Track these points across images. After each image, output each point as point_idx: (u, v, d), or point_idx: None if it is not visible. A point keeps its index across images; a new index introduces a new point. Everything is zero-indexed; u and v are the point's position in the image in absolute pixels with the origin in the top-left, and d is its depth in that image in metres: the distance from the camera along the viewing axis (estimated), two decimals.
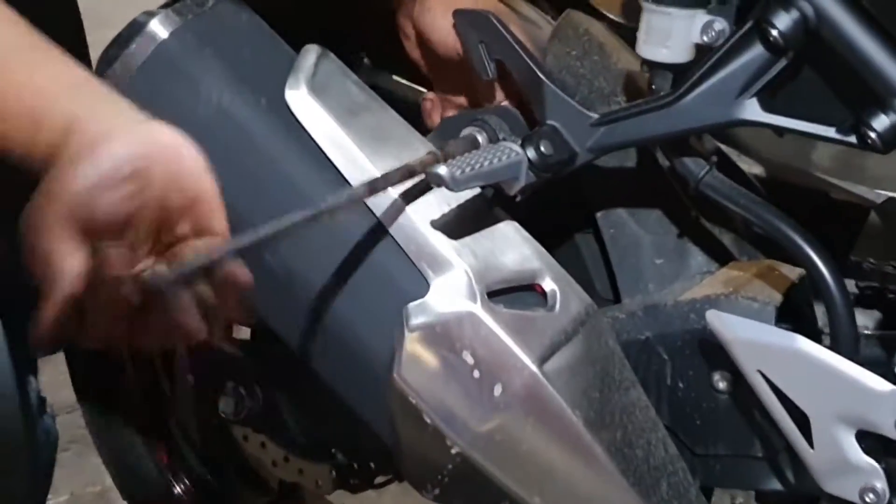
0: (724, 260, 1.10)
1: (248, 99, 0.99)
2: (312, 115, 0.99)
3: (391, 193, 0.96)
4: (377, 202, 0.96)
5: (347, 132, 0.99)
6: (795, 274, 1.04)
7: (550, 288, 0.99)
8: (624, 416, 0.99)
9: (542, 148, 0.98)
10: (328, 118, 0.99)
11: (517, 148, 0.98)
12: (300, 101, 0.99)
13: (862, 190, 1.21)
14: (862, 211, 1.19)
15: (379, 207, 0.96)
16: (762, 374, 0.95)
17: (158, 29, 0.99)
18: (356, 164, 0.98)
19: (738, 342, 0.96)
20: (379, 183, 0.91)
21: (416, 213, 0.97)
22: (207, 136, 0.98)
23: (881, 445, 0.94)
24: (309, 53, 1.03)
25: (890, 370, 0.95)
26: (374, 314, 0.98)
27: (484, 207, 1.01)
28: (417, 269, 0.96)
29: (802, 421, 0.95)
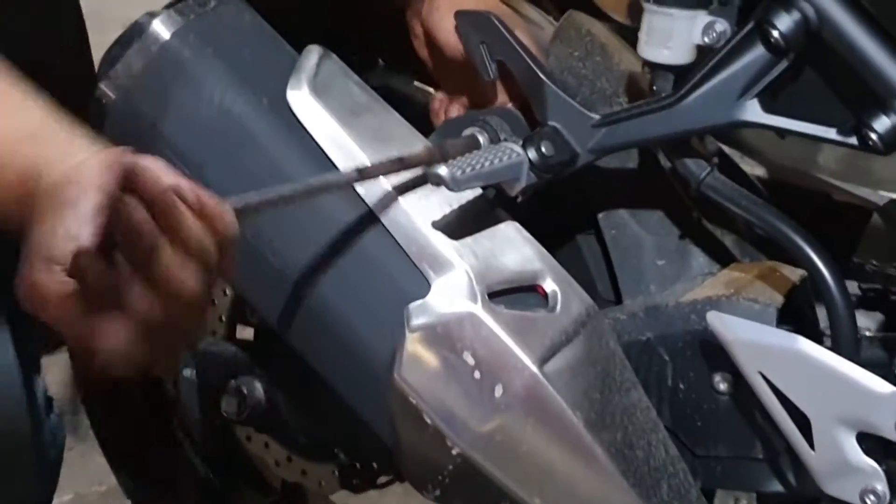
0: (725, 261, 1.10)
1: (249, 99, 0.99)
2: (314, 115, 0.99)
3: (392, 194, 0.96)
4: (378, 202, 0.97)
5: (349, 132, 0.99)
6: (797, 275, 1.04)
7: (551, 289, 0.99)
8: (625, 417, 0.99)
9: (543, 149, 0.98)
10: (329, 119, 0.99)
11: (518, 148, 0.98)
12: (302, 101, 0.99)
13: (865, 192, 1.21)
14: (864, 213, 1.19)
15: (380, 208, 0.97)
16: (763, 375, 0.95)
17: (160, 29, 0.99)
18: (357, 164, 0.98)
19: (738, 343, 0.96)
20: (369, 170, 0.91)
21: (417, 213, 0.97)
22: (209, 136, 0.99)
23: (882, 447, 0.94)
24: (311, 54, 1.03)
25: (891, 372, 0.95)
26: (374, 314, 0.98)
27: (485, 208, 1.01)
28: (418, 269, 0.96)
29: (803, 422, 0.95)
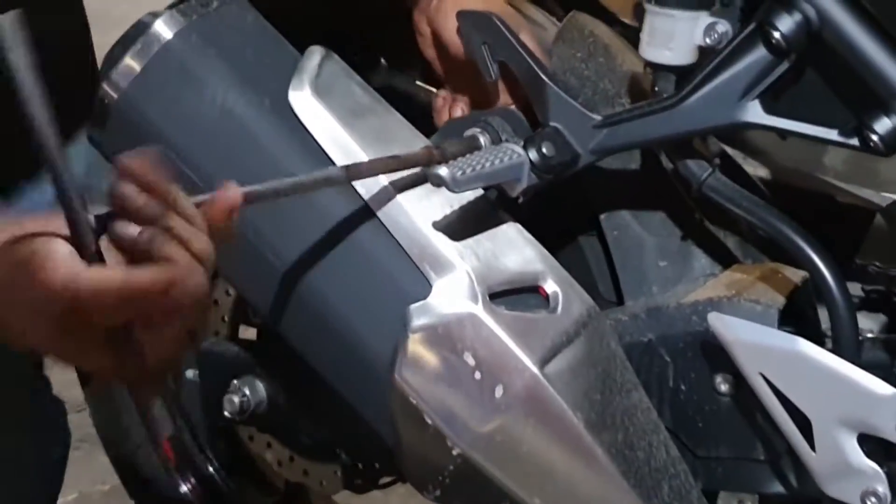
0: (727, 262, 1.10)
1: (251, 99, 0.99)
2: (315, 116, 0.99)
3: (393, 195, 0.96)
4: (379, 203, 0.97)
5: (350, 133, 0.99)
6: (799, 277, 1.04)
7: (552, 290, 0.99)
8: (625, 418, 0.99)
9: (544, 149, 0.98)
10: (331, 119, 0.99)
11: (519, 149, 0.98)
12: (304, 102, 0.99)
13: (867, 193, 1.21)
14: (867, 214, 1.19)
15: (381, 209, 0.97)
16: (764, 376, 0.95)
17: (163, 29, 0.99)
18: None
19: (739, 344, 0.96)
20: (362, 168, 0.91)
21: (418, 214, 0.97)
22: (211, 136, 0.99)
23: (883, 449, 0.94)
24: (313, 55, 1.03)
25: (892, 374, 0.95)
26: (375, 315, 0.98)
27: (487, 209, 1.01)
28: (419, 270, 0.96)
29: (804, 424, 0.95)
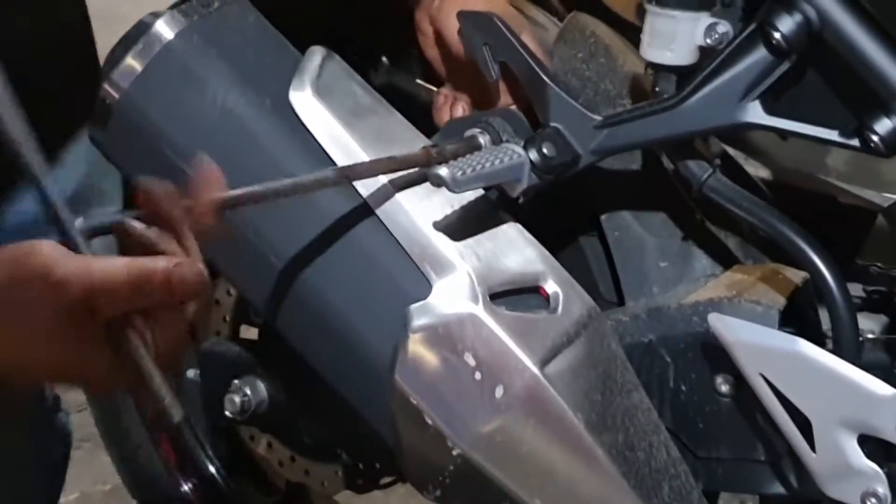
0: (728, 263, 1.10)
1: (252, 100, 0.99)
2: (316, 116, 0.99)
3: (394, 195, 0.96)
4: (380, 204, 0.97)
5: (351, 134, 0.99)
6: (800, 277, 1.04)
7: (553, 290, 0.99)
8: (626, 418, 0.99)
9: (544, 150, 0.98)
10: (332, 120, 0.99)
11: (519, 150, 0.98)
12: (304, 102, 0.99)
13: (869, 194, 1.21)
14: (869, 215, 1.19)
15: (382, 209, 0.97)
16: (764, 377, 0.95)
17: (164, 30, 0.99)
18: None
19: (739, 345, 0.95)
20: (360, 168, 0.91)
21: (419, 214, 0.97)
22: (212, 136, 0.99)
23: (883, 450, 0.93)
24: (314, 55, 1.03)
25: (893, 374, 0.95)
26: (376, 315, 0.98)
27: (488, 209, 1.01)
28: (420, 270, 0.96)
29: (804, 425, 0.95)
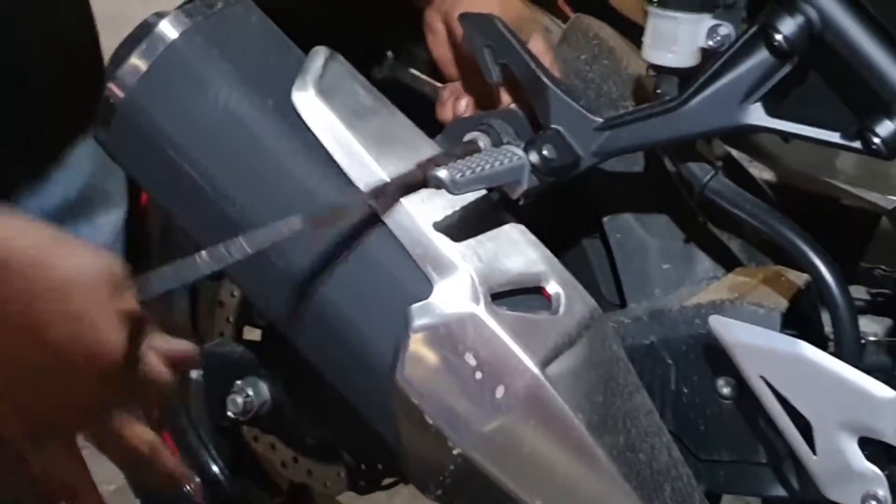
0: (731, 265, 1.10)
1: (255, 100, 0.99)
2: (319, 116, 0.99)
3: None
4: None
5: (354, 134, 0.99)
6: (802, 280, 1.03)
7: (555, 291, 0.98)
8: (627, 420, 0.99)
9: (545, 152, 0.98)
10: (335, 120, 0.99)
11: (519, 152, 0.98)
12: (307, 102, 0.99)
13: (874, 196, 1.21)
14: (873, 217, 1.19)
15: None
16: (765, 379, 0.95)
17: (168, 30, 0.99)
18: (362, 166, 0.98)
19: (740, 347, 0.95)
20: (388, 188, 0.92)
21: (421, 215, 0.97)
22: (214, 136, 1.00)
23: (884, 452, 0.93)
24: (317, 55, 1.03)
25: (894, 377, 0.95)
26: (378, 315, 0.98)
27: (490, 210, 1.01)
28: (422, 271, 0.96)
29: (805, 427, 0.95)
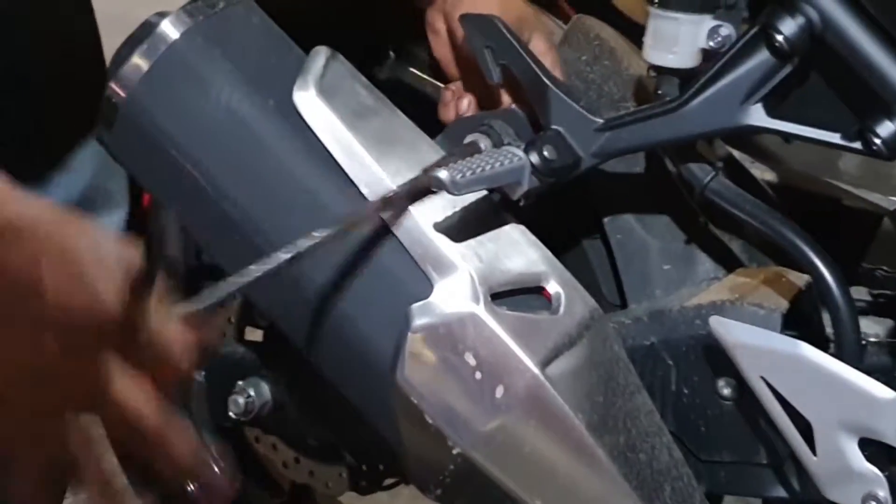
0: (732, 266, 1.10)
1: (256, 100, 0.99)
2: (320, 116, 0.99)
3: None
4: None
5: (355, 134, 0.99)
6: (803, 281, 1.03)
7: (555, 291, 0.98)
8: (628, 420, 0.99)
9: (545, 153, 0.98)
10: (336, 120, 0.99)
11: (520, 152, 0.98)
12: (308, 102, 0.99)
13: (875, 197, 1.21)
14: (875, 218, 1.19)
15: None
16: (765, 380, 0.95)
17: (169, 30, 0.99)
18: (363, 166, 0.98)
19: (740, 348, 0.95)
20: (395, 196, 0.92)
21: (421, 215, 0.97)
22: (216, 136, 1.00)
23: (884, 453, 0.93)
24: (318, 55, 1.03)
25: (894, 378, 0.95)
26: (378, 315, 0.98)
27: (491, 211, 1.01)
28: (422, 271, 0.96)
29: (806, 428, 0.94)
